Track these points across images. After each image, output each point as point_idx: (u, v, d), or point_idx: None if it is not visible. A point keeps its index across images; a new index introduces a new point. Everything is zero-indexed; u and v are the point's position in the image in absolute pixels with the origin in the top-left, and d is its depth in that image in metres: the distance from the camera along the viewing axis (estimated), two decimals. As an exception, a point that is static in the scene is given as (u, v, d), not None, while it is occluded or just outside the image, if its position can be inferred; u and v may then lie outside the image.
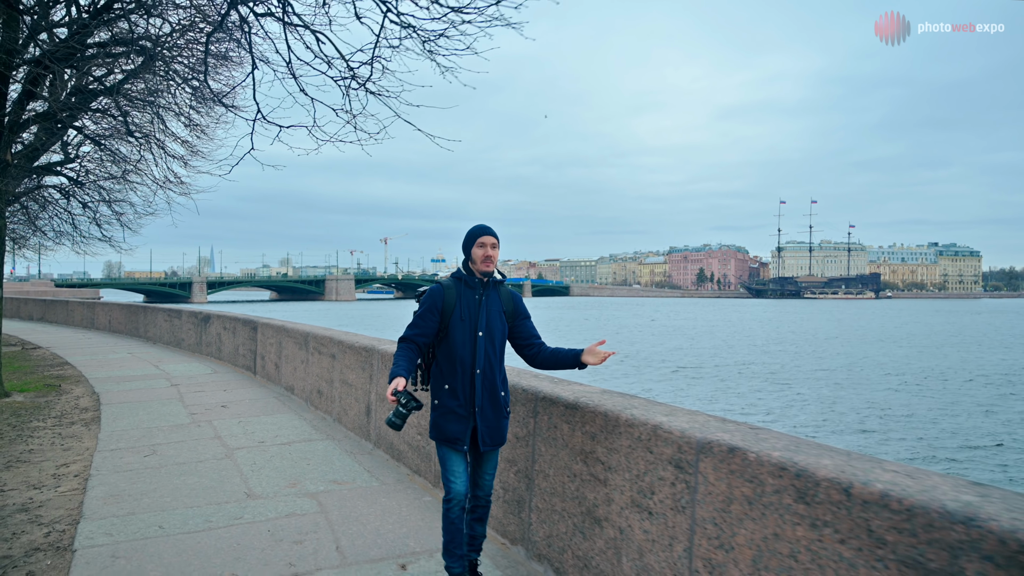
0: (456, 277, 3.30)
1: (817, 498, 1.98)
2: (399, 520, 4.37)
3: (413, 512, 4.53)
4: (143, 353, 14.36)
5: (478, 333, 3.20)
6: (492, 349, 3.23)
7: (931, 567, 1.65)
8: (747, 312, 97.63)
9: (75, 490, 5.07)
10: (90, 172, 14.44)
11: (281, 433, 6.83)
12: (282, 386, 9.35)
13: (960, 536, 1.59)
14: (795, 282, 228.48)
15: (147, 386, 9.87)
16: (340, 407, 7.08)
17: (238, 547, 3.92)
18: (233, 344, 12.05)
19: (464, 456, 3.23)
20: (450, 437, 3.19)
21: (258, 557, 3.78)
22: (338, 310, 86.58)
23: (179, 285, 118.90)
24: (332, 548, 3.92)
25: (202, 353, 13.78)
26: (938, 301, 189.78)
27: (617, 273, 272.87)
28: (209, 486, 5.08)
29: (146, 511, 4.54)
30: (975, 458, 14.61)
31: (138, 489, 5.02)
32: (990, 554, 1.53)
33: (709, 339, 46.47)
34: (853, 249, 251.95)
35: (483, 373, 3.19)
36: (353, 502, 4.72)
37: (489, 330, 3.23)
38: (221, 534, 4.13)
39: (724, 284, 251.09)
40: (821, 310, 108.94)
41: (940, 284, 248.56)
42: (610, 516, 2.98)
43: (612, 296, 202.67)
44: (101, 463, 5.75)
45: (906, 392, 23.49)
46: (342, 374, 7.04)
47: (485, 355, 3.20)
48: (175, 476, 5.35)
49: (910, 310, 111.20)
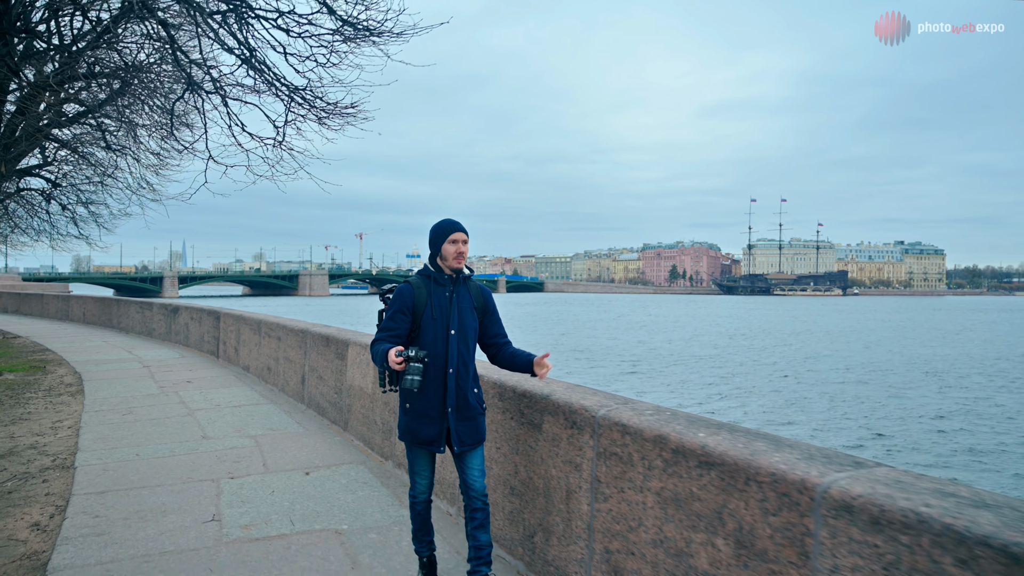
0: (424, 274, 3.22)
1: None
2: (311, 450, 6.05)
3: (323, 446, 6.20)
4: (117, 341, 15.79)
5: (450, 331, 3.13)
6: (465, 347, 3.16)
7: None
8: (712, 308, 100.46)
9: (70, 436, 6.65)
10: (67, 175, 15.80)
11: (234, 399, 8.45)
12: (240, 366, 10.94)
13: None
14: (765, 279, 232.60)
15: (122, 367, 11.38)
16: (283, 379, 8.72)
17: (193, 465, 5.57)
18: (199, 332, 13.57)
19: (432, 455, 3.28)
20: (424, 440, 3.15)
21: (207, 469, 5.43)
22: (311, 305, 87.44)
23: (150, 280, 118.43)
24: (260, 464, 5.58)
25: (171, 341, 15.26)
26: (902, 298, 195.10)
27: (592, 269, 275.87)
28: (174, 432, 6.70)
29: (126, 447, 6.15)
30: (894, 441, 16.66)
31: (119, 434, 6.62)
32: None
33: (668, 334, 48.64)
34: (822, 247, 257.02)
35: (456, 372, 3.12)
36: (281, 441, 6.38)
37: (462, 328, 3.16)
38: (182, 458, 5.76)
39: (696, 281, 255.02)
40: (786, 307, 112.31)
41: (905, 282, 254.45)
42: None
43: (586, 292, 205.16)
44: (88, 419, 7.32)
45: (830, 383, 25.68)
46: (285, 353, 8.68)
47: (458, 354, 3.13)
48: (148, 427, 6.95)
49: (872, 307, 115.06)
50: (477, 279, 3.37)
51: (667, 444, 2.58)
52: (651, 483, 2.66)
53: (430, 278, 3.19)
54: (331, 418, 7.03)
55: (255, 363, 10.13)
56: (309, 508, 4.56)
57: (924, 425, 17.82)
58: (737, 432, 2.53)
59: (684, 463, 2.49)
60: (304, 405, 7.91)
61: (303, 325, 8.31)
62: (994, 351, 38.43)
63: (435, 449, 3.16)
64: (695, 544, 2.43)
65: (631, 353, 34.10)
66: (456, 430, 3.13)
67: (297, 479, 5.21)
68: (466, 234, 3.20)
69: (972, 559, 1.57)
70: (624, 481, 2.80)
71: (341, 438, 6.48)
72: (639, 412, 2.90)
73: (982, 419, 18.73)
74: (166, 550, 3.85)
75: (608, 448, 2.91)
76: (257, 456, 5.85)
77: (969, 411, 19.82)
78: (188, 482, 5.11)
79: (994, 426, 17.84)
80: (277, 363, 9.03)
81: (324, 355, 7.28)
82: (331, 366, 7.07)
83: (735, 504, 2.27)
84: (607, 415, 2.95)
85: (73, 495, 4.81)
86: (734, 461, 2.28)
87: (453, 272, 3.19)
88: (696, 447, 2.45)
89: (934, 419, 18.56)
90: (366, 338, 6.58)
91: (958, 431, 17.13)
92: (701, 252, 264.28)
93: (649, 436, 2.68)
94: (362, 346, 6.26)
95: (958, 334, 52.17)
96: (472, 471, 3.20)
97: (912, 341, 44.83)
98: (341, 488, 4.99)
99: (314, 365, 7.60)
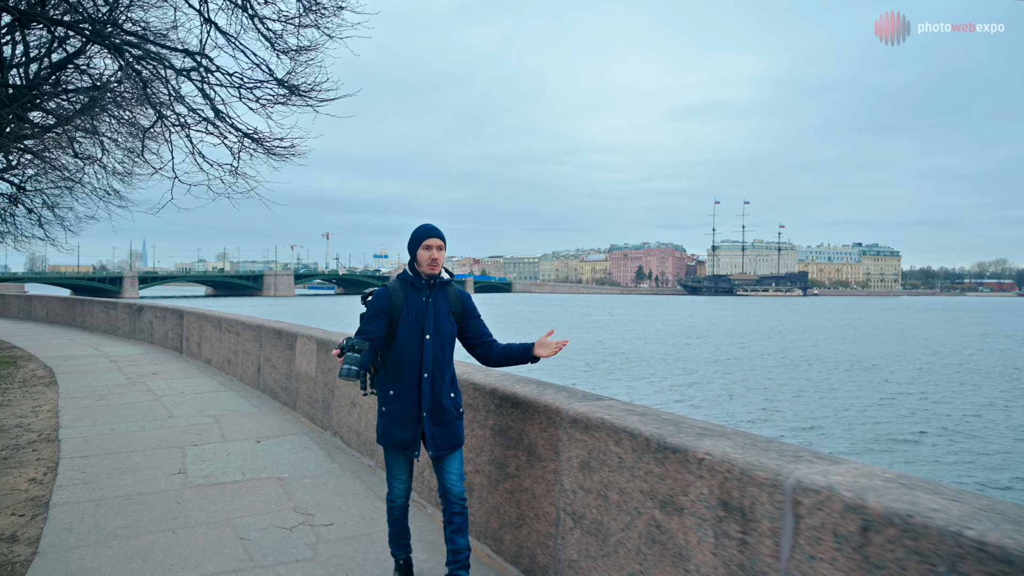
0: (403, 279, 3.28)
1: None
2: (263, 425, 7.15)
3: (274, 422, 7.30)
4: (82, 339, 16.52)
5: (425, 336, 3.19)
6: (440, 352, 3.22)
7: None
8: (672, 309, 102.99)
9: (50, 417, 7.62)
10: (33, 178, 16.46)
11: (197, 388, 9.46)
12: (202, 360, 11.91)
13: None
14: (728, 280, 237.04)
15: (91, 362, 12.24)
16: (242, 369, 9.76)
17: (161, 437, 6.62)
18: (163, 330, 14.44)
19: (410, 460, 3.32)
20: (399, 443, 3.21)
21: (174, 440, 6.49)
22: (274, 306, 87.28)
23: (109, 280, 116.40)
24: (219, 435, 6.67)
25: (135, 338, 16.07)
26: (859, 299, 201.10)
27: (560, 270, 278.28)
28: (143, 413, 7.72)
29: (102, 424, 7.16)
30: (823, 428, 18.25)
31: (94, 415, 7.62)
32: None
33: (628, 332, 50.34)
34: (783, 248, 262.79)
35: (431, 376, 3.18)
36: (238, 419, 7.46)
37: (437, 333, 3.21)
38: (151, 432, 6.81)
39: (662, 281, 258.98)
40: (746, 307, 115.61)
41: (863, 282, 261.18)
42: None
43: (553, 292, 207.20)
44: (65, 404, 8.28)
45: (771, 376, 27.43)
46: (243, 346, 9.72)
47: (433, 358, 3.19)
48: (119, 409, 7.96)
49: (828, 307, 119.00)
50: None
51: (496, 394, 3.80)
52: (488, 421, 3.87)
53: (408, 282, 3.26)
54: (282, 400, 8.13)
55: (216, 356, 11.13)
56: (257, 464, 5.68)
57: (830, 411, 19.50)
58: (539, 384, 3.76)
59: (505, 405, 3.71)
60: (259, 391, 8.97)
61: (259, 321, 9.37)
62: (928, 348, 40.91)
63: (409, 453, 3.22)
64: (509, 457, 3.65)
65: (591, 350, 35.57)
66: (431, 434, 3.18)
67: (249, 445, 6.31)
68: (441, 240, 3.24)
69: (627, 438, 2.81)
70: (474, 423, 4.01)
71: (290, 416, 7.59)
72: (487, 374, 4.11)
73: (888, 407, 20.53)
74: (143, 492, 4.94)
75: (465, 400, 4.12)
76: (216, 430, 6.92)
77: (878, 401, 21.63)
78: (158, 448, 6.18)
79: (905, 414, 19.62)
80: (236, 356, 10.05)
81: (276, 347, 8.37)
82: (282, 356, 8.16)
83: (528, 428, 3.49)
84: (463, 376, 4.15)
85: (61, 459, 5.84)
86: (528, 400, 3.51)
87: (429, 277, 3.25)
88: (511, 394, 3.67)
89: (836, 402, 20.29)
90: (314, 331, 7.69)
91: (858, 415, 18.84)
92: (667, 253, 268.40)
93: (487, 389, 3.90)
94: (308, 338, 7.38)
95: (898, 332, 55.00)
96: (450, 475, 3.25)
97: (851, 338, 47.26)
98: (285, 451, 6.12)
99: (268, 356, 8.68)
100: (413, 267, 3.27)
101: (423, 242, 3.21)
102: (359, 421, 5.89)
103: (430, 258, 3.20)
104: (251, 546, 3.96)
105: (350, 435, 6.10)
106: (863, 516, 1.81)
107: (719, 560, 2.31)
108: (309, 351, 7.27)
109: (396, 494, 3.32)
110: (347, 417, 6.18)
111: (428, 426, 3.18)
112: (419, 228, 3.26)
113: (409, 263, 3.30)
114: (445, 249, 3.26)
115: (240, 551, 3.89)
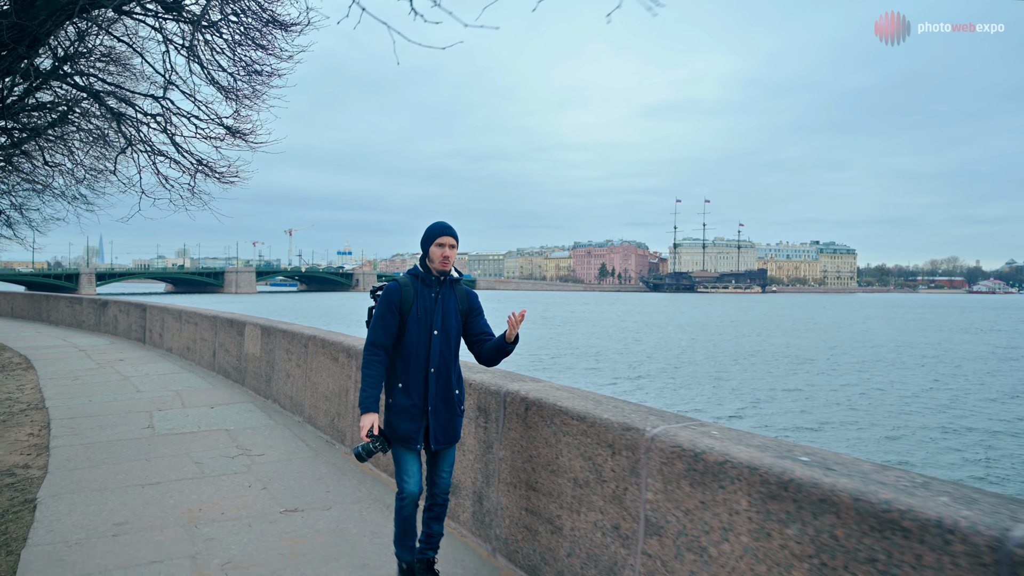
0: (413, 274, 3.34)
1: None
2: (217, 396, 8.73)
3: (225, 394, 8.88)
4: (50, 332, 17.69)
5: (433, 332, 3.25)
6: (447, 348, 3.29)
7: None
8: (631, 306, 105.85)
9: (34, 392, 9.06)
10: (0, 180, 17.50)
11: (160, 370, 10.94)
12: (164, 348, 13.33)
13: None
14: (689, 277, 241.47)
15: (61, 351, 13.56)
16: (199, 355, 11.27)
17: (132, 405, 8.15)
18: (127, 323, 15.76)
19: (418, 455, 3.33)
20: (403, 436, 3.24)
21: (143, 407, 8.03)
22: (235, 303, 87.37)
23: (65, 276, 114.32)
24: (180, 404, 8.23)
25: (101, 331, 17.31)
26: (815, 295, 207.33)
27: (524, 267, 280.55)
28: (115, 389, 9.21)
29: (81, 397, 8.65)
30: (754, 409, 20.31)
31: (73, 391, 9.08)
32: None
33: (583, 328, 52.42)
34: (743, 246, 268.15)
35: (437, 372, 3.26)
36: (196, 392, 9.01)
37: (445, 329, 3.29)
38: (123, 402, 8.33)
39: (625, 279, 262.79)
40: (705, 303, 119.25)
41: (820, 279, 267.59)
42: (290, 372, 7.49)
43: (517, 289, 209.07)
44: (45, 383, 9.71)
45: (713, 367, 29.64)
46: (201, 334, 11.23)
47: (440, 354, 3.26)
48: (94, 386, 9.43)
49: (785, 303, 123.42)
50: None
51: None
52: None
53: (418, 278, 3.33)
54: (234, 378, 9.69)
55: (177, 344, 12.58)
56: (211, 421, 7.28)
57: (747, 397, 21.69)
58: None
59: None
60: (215, 372, 10.51)
61: (214, 312, 10.91)
62: (858, 340, 43.88)
63: (413, 447, 3.26)
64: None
65: (543, 346, 37.46)
66: (434, 428, 3.27)
67: (205, 410, 7.90)
68: (454, 238, 3.31)
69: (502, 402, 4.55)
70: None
71: (239, 389, 9.18)
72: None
73: (798, 395, 22.82)
74: (121, 439, 6.51)
75: (359, 364, 5.80)
76: (177, 400, 8.48)
77: (797, 388, 23.94)
78: (130, 413, 7.72)
79: (818, 400, 21.89)
80: (195, 343, 11.55)
81: (229, 333, 9.92)
82: (234, 341, 9.72)
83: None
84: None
85: (51, 420, 7.35)
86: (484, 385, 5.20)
87: (440, 274, 3.32)
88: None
89: (753, 390, 22.52)
90: (259, 319, 9.28)
91: (768, 402, 21.05)
92: (630, 251, 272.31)
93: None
94: (254, 325, 8.97)
95: (842, 327, 58.29)
96: (443, 470, 3.39)
97: (794, 333, 50.17)
98: (234, 413, 7.73)
99: (222, 341, 10.22)
100: (425, 263, 3.35)
101: (437, 239, 3.30)
102: (292, 388, 7.53)
103: (442, 255, 3.28)
104: (203, 466, 5.59)
105: (285, 400, 7.73)
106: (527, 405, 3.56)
107: (476, 440, 4.04)
108: (255, 336, 8.86)
109: (407, 491, 3.29)
110: (283, 386, 7.81)
111: (432, 420, 3.26)
112: (434, 225, 3.35)
113: (421, 259, 3.39)
114: (457, 248, 3.34)
115: (195, 468, 5.52)
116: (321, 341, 6.84)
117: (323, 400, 6.65)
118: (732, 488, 2.42)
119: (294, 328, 8.00)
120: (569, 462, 3.27)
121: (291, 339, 7.70)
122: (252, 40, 7.29)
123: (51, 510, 4.54)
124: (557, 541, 3.34)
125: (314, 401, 6.91)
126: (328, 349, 6.63)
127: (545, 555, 3.43)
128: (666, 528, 2.70)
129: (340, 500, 4.83)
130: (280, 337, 8.04)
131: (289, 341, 7.75)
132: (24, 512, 4.52)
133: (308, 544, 4.04)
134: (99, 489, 5.00)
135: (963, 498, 1.92)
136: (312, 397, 6.97)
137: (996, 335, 51.83)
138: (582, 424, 3.20)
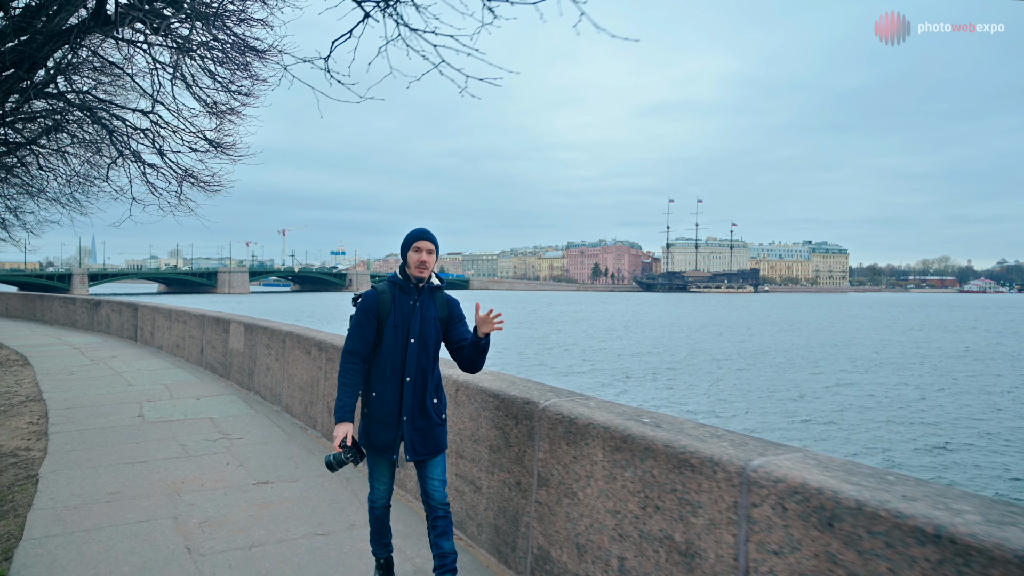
0: (392, 282, 3.30)
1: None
2: (203, 389, 9.37)
3: (211, 387, 9.52)
4: (44, 331, 18.26)
5: (410, 340, 3.21)
6: (424, 356, 3.24)
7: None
8: (621, 306, 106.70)
9: (32, 386, 9.68)
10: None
11: (151, 366, 11.56)
12: (155, 346, 13.95)
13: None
14: (682, 277, 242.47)
15: (56, 349, 14.16)
16: (188, 351, 11.90)
17: (124, 397, 8.78)
18: (119, 322, 16.36)
19: (391, 465, 3.32)
20: (379, 446, 3.23)
21: (134, 399, 8.66)
22: (229, 303, 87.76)
23: (57, 277, 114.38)
24: (168, 396, 8.87)
25: (94, 330, 17.90)
26: (807, 295, 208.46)
27: (517, 267, 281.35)
28: (108, 383, 9.84)
29: (76, 390, 9.28)
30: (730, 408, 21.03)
31: (68, 384, 9.70)
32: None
33: (573, 328, 53.15)
34: (736, 246, 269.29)
35: (413, 381, 3.21)
36: (184, 386, 9.65)
37: (422, 337, 3.23)
38: (115, 394, 8.96)
39: (618, 278, 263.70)
40: (697, 303, 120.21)
41: (813, 279, 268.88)
42: (270, 365, 8.15)
43: (511, 289, 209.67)
44: (42, 378, 10.32)
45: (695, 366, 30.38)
46: (189, 332, 11.86)
47: (416, 362, 3.21)
48: (88, 381, 10.05)
49: (776, 303, 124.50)
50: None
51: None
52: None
53: (396, 286, 3.27)
54: (220, 373, 10.33)
55: (167, 342, 13.20)
56: (196, 411, 7.93)
57: (718, 396, 22.43)
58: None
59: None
60: (202, 368, 11.15)
61: (202, 311, 11.55)
62: (843, 340, 44.76)
63: (388, 456, 3.23)
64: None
65: (528, 344, 38.16)
66: (410, 438, 3.20)
67: (191, 401, 8.54)
68: (432, 243, 3.25)
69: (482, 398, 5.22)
70: (332, 370, 6.36)
71: (225, 383, 9.82)
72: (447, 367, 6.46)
73: (790, 392, 23.58)
74: (114, 426, 7.15)
75: (328, 356, 6.46)
76: (166, 393, 9.12)
77: (771, 386, 24.71)
78: (121, 403, 8.36)
79: (789, 399, 22.65)
80: (184, 340, 12.17)
81: (215, 331, 10.56)
82: (220, 338, 10.36)
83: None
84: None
85: (49, 410, 7.98)
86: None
87: (418, 281, 3.26)
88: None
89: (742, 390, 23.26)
90: (243, 317, 9.92)
91: (738, 399, 21.80)
92: (623, 251, 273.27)
93: (338, 348, 6.26)
94: (238, 323, 9.61)
95: (826, 327, 59.23)
96: (432, 481, 3.26)
97: (782, 332, 51.05)
98: (218, 404, 8.37)
99: (209, 339, 10.86)
100: (403, 270, 3.30)
101: (413, 244, 3.25)
102: (271, 380, 8.19)
103: (418, 260, 3.22)
104: (187, 448, 6.25)
105: (266, 392, 8.38)
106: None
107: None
108: (239, 332, 9.50)
109: (378, 494, 3.35)
110: (264, 379, 8.47)
111: (407, 430, 3.20)
112: (412, 231, 3.30)
113: (400, 267, 3.34)
114: (436, 254, 3.27)
115: (180, 450, 6.18)
116: (297, 337, 7.51)
117: (298, 390, 7.31)
118: (593, 444, 3.10)
119: (273, 325, 8.65)
120: (486, 432, 3.94)
121: (271, 335, 8.35)
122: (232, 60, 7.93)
123: (52, 483, 5.19)
124: (477, 499, 4.02)
125: (291, 391, 7.57)
126: (303, 344, 7.29)
127: (469, 511, 4.10)
128: (551, 479, 3.37)
129: (306, 475, 5.50)
130: (261, 333, 8.69)
131: (269, 337, 8.40)
132: (28, 485, 5.17)
133: (275, 508, 4.70)
134: (94, 466, 5.64)
135: (737, 442, 2.61)
136: (289, 388, 7.63)
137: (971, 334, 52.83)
138: (496, 400, 3.87)
